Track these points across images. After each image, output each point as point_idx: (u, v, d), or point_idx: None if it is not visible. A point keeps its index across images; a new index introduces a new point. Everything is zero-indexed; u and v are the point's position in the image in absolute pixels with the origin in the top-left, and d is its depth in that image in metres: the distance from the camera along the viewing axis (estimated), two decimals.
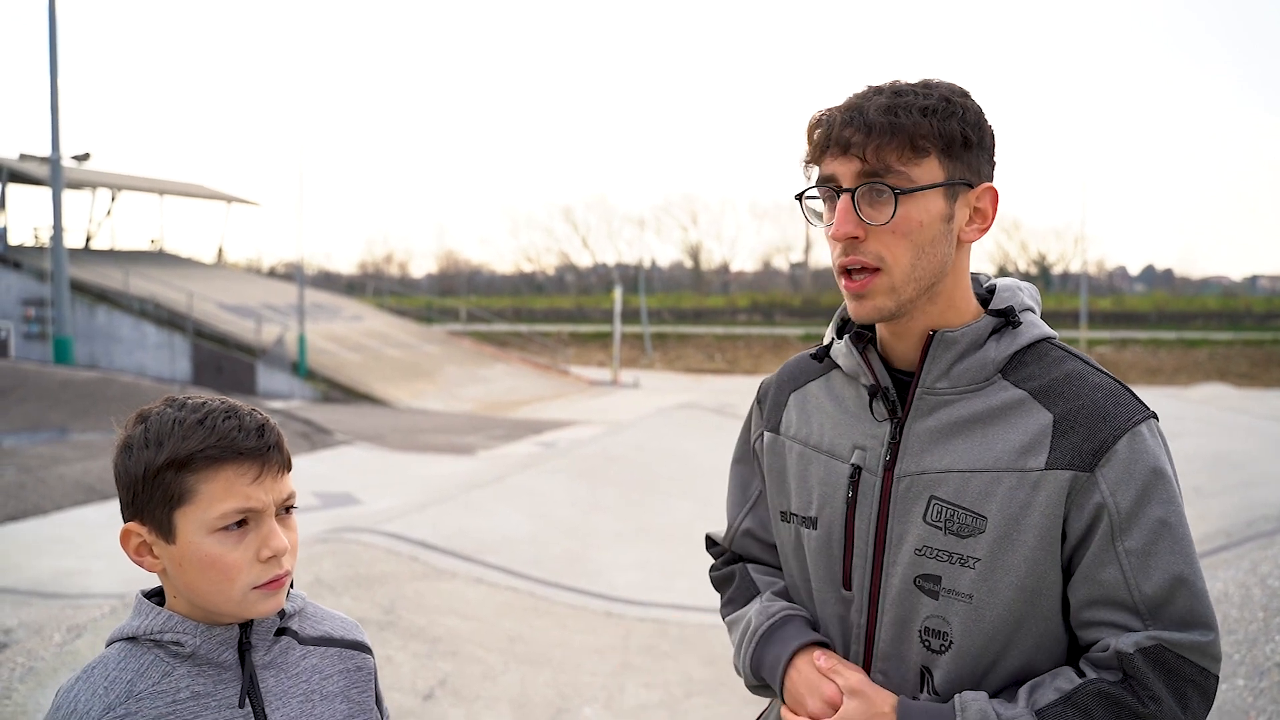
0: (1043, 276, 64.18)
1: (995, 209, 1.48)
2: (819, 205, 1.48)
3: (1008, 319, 1.47)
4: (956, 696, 1.39)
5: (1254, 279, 69.23)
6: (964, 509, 1.40)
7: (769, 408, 1.68)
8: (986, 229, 1.48)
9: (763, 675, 1.58)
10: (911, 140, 1.38)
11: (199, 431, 1.32)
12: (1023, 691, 1.38)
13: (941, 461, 1.43)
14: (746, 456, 1.74)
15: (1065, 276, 60.46)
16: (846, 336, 1.55)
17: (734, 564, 1.75)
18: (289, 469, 1.40)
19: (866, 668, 1.50)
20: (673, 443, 11.78)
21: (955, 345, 1.45)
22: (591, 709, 4.64)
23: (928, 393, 1.46)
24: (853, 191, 1.40)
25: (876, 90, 1.42)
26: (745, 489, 1.74)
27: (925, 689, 1.45)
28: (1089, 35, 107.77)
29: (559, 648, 5.35)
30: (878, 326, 1.53)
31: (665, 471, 10.28)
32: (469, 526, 7.48)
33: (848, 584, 1.51)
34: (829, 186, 1.43)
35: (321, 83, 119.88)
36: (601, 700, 4.74)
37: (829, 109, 1.44)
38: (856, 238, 1.40)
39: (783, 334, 44.78)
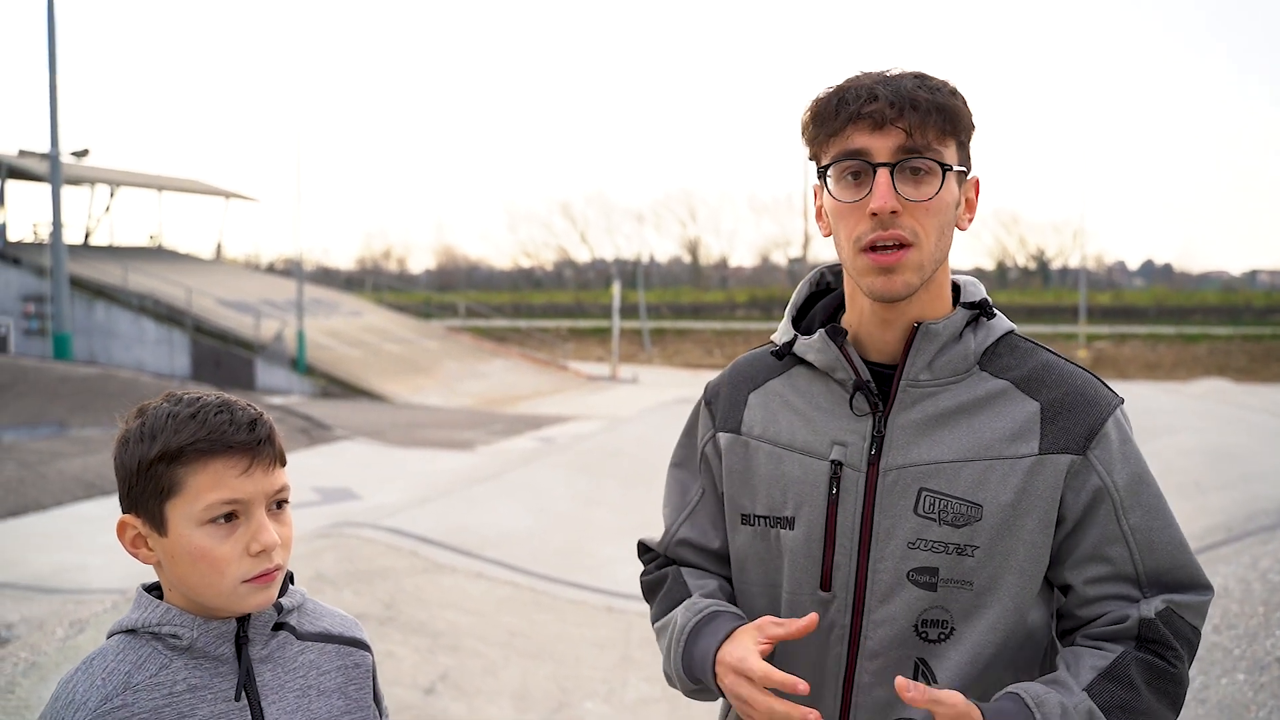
0: (1041, 271, 64.15)
1: (978, 201, 1.53)
2: (830, 182, 1.46)
3: (982, 311, 1.49)
4: (1024, 693, 1.33)
5: (1254, 273, 68.93)
6: (958, 499, 1.42)
7: (723, 409, 1.63)
8: (972, 219, 1.51)
9: (695, 674, 1.49)
10: (952, 121, 1.41)
11: (190, 425, 1.34)
12: (1063, 676, 1.38)
13: (929, 453, 1.44)
14: (688, 462, 1.69)
15: (1064, 271, 60.46)
16: (820, 331, 1.52)
17: (666, 568, 1.68)
18: (282, 463, 1.40)
19: (851, 666, 1.47)
20: (673, 437, 11.68)
21: (938, 337, 1.46)
22: (593, 703, 4.63)
23: (911, 385, 1.46)
24: (892, 166, 1.39)
25: (886, 74, 1.43)
26: (684, 494, 1.69)
27: (920, 680, 1.43)
28: (1088, 29, 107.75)
29: (560, 642, 5.35)
30: (855, 318, 1.52)
31: (665, 466, 10.26)
32: (469, 522, 7.48)
33: (827, 584, 1.48)
34: (862, 160, 1.41)
35: (320, 78, 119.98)
36: (602, 694, 4.73)
37: (845, 84, 1.43)
38: (896, 212, 1.40)
39: None
